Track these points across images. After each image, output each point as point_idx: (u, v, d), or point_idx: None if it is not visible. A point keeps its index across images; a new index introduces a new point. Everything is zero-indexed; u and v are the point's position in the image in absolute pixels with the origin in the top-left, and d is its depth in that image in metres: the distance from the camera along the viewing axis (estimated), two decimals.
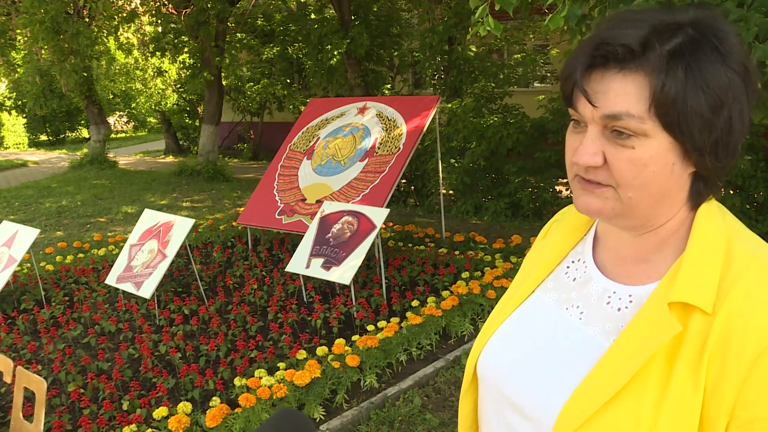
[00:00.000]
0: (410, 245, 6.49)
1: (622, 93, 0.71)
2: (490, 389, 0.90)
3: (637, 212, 0.76)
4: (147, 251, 4.96)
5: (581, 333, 0.82)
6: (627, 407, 0.71)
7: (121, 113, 25.54)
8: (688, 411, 0.69)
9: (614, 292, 0.82)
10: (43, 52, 12.15)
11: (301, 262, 4.95)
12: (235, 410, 3.36)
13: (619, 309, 0.80)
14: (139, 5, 12.74)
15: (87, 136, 20.72)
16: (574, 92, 0.76)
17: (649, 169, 0.72)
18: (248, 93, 15.33)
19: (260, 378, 3.62)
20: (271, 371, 3.80)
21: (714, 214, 0.78)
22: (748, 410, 0.67)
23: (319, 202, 5.96)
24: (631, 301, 0.79)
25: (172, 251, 4.79)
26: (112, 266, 5.38)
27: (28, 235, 5.14)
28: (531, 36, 11.42)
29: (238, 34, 13.90)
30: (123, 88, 20.35)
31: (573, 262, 0.91)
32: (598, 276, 0.85)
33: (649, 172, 0.72)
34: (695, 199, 0.78)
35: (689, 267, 0.74)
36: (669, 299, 0.72)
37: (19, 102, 21.76)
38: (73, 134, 23.44)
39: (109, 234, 7.63)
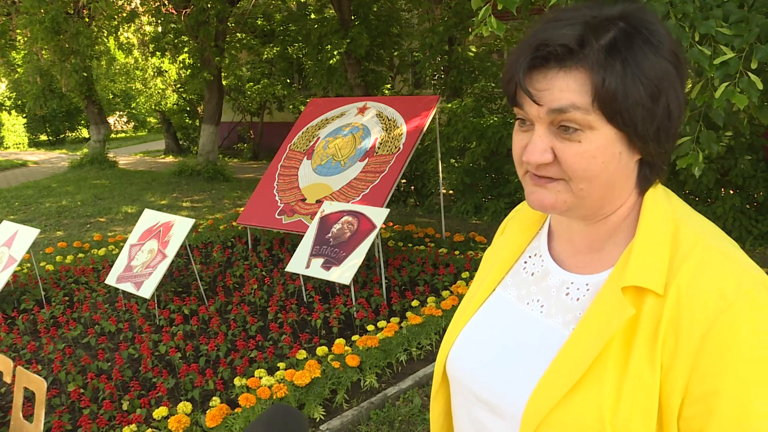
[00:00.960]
0: (410, 245, 6.49)
1: (566, 89, 0.73)
2: (460, 389, 0.91)
3: (589, 203, 0.78)
4: (147, 251, 4.96)
5: (542, 325, 0.84)
6: (589, 393, 0.73)
7: (121, 113, 25.55)
8: (647, 391, 0.71)
9: (572, 283, 0.84)
10: (43, 52, 12.14)
11: (301, 262, 4.95)
12: (235, 410, 3.36)
13: (577, 299, 0.82)
14: (139, 5, 12.74)
15: (87, 136, 20.74)
16: (517, 93, 0.77)
17: (597, 160, 0.74)
18: (248, 93, 15.33)
19: (260, 378, 3.62)
20: (271, 371, 3.80)
21: (660, 198, 0.81)
22: (699, 385, 0.69)
23: (319, 202, 5.96)
24: (588, 290, 0.81)
25: (172, 251, 4.79)
26: (112, 266, 5.38)
27: (28, 235, 5.13)
28: None
29: (238, 34, 13.90)
30: (123, 88, 20.36)
31: (530, 257, 0.93)
32: (555, 269, 0.87)
33: (598, 164, 0.74)
34: (643, 185, 0.81)
35: (639, 251, 0.76)
36: (622, 284, 0.75)
37: (19, 102, 21.77)
38: (73, 134, 23.45)
39: (109, 234, 7.63)
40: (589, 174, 0.75)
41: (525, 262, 0.93)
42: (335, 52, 10.58)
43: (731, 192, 6.54)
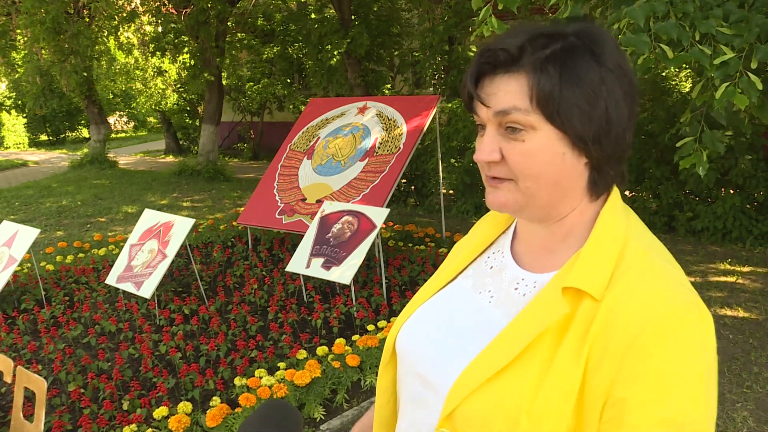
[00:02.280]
0: (410, 245, 6.49)
1: (509, 91, 0.80)
2: (404, 364, 0.97)
3: (538, 202, 0.83)
4: (147, 251, 4.96)
5: (488, 314, 0.89)
6: (512, 380, 0.78)
7: (122, 113, 25.56)
8: (567, 388, 0.75)
9: (522, 279, 0.89)
10: (43, 52, 12.14)
11: (302, 262, 4.95)
12: (236, 410, 3.36)
13: (524, 294, 0.87)
14: (139, 5, 12.74)
15: (87, 135, 20.75)
16: (472, 98, 0.85)
17: (539, 158, 0.80)
18: (248, 93, 15.33)
19: (260, 378, 3.62)
20: (272, 371, 3.80)
21: (617, 213, 0.85)
22: (619, 390, 0.72)
23: (320, 201, 5.96)
24: (535, 287, 0.86)
25: (172, 251, 4.79)
26: (112, 266, 5.38)
27: (28, 234, 5.13)
28: None
29: (239, 34, 13.90)
30: (123, 88, 20.39)
31: (493, 252, 0.98)
32: (512, 265, 0.93)
33: (540, 162, 0.80)
34: (593, 190, 0.85)
35: (586, 257, 0.80)
36: (563, 284, 0.79)
37: (19, 102, 21.77)
38: (74, 134, 23.44)
39: (110, 234, 7.63)
40: (533, 172, 0.80)
41: (488, 257, 0.99)
42: (335, 52, 10.57)
43: (731, 192, 6.54)
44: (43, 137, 22.92)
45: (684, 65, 3.39)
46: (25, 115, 22.16)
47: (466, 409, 0.80)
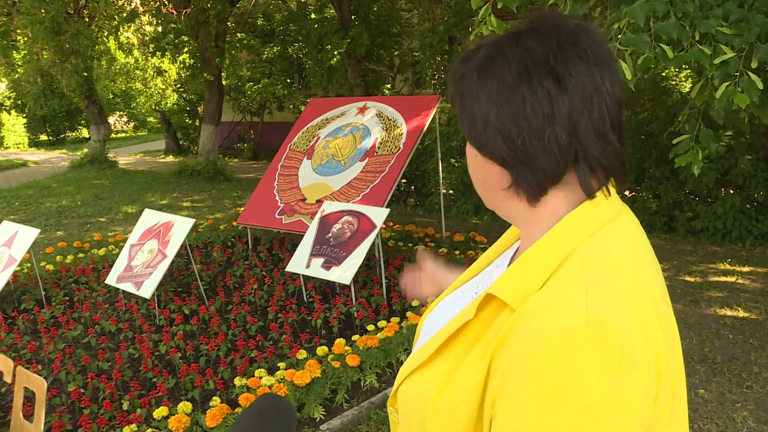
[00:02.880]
0: (410, 245, 6.49)
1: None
2: None
3: (486, 201, 0.89)
4: (147, 251, 4.96)
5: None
6: (426, 375, 0.82)
7: (121, 113, 25.55)
8: (467, 391, 0.76)
9: None
10: (43, 52, 12.14)
11: (301, 262, 4.95)
12: (236, 410, 3.36)
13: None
14: (139, 5, 12.74)
15: (87, 135, 20.74)
16: None
17: (468, 161, 0.87)
18: (248, 93, 15.33)
19: (260, 378, 3.62)
20: (272, 371, 3.80)
21: (584, 217, 0.79)
22: (498, 404, 0.71)
23: (319, 201, 5.96)
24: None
25: (172, 251, 4.78)
26: (112, 266, 5.38)
27: (28, 234, 5.13)
28: None
29: (239, 34, 13.90)
30: (123, 88, 20.38)
31: (509, 252, 1.00)
32: (505, 265, 0.95)
33: (469, 165, 0.87)
34: (517, 192, 0.81)
35: (518, 264, 0.79)
36: (489, 290, 0.79)
37: (19, 102, 21.76)
38: (74, 134, 23.44)
39: (110, 234, 7.63)
40: (470, 173, 0.88)
41: (502, 257, 1.02)
42: (335, 52, 10.57)
43: (731, 192, 6.54)
44: (43, 137, 22.92)
45: (684, 65, 3.39)
46: (25, 115, 22.16)
47: (401, 392, 0.88)
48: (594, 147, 0.76)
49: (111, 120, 23.70)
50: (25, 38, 11.96)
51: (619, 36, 3.01)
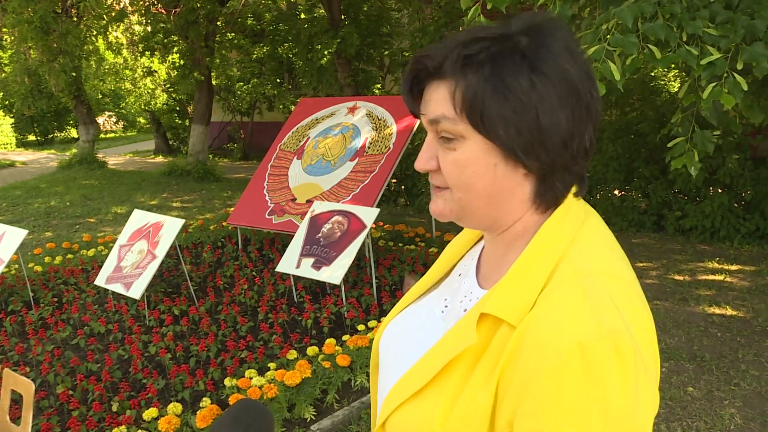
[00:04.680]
0: (400, 245, 6.50)
1: (438, 99, 0.76)
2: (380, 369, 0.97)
3: (474, 213, 0.79)
4: (137, 252, 4.93)
5: (435, 326, 0.87)
6: (426, 402, 0.76)
7: (111, 113, 25.41)
8: (477, 414, 0.72)
9: (471, 293, 0.85)
10: (31, 51, 12.05)
11: (292, 262, 4.94)
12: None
13: (464, 310, 0.83)
14: (128, 4, 12.67)
15: (76, 136, 20.58)
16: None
17: (469, 169, 0.76)
18: (238, 93, 15.29)
19: (251, 378, 3.61)
20: (262, 371, 3.80)
21: (562, 226, 0.78)
22: (518, 423, 0.68)
23: (310, 201, 5.95)
24: (476, 303, 0.81)
25: (161, 252, 4.76)
26: (101, 267, 5.35)
27: (15, 235, 5.09)
28: None
29: (228, 34, 13.85)
30: (112, 88, 20.25)
31: (471, 259, 0.93)
32: (471, 274, 0.89)
33: (470, 173, 0.76)
34: (539, 201, 0.78)
35: (510, 278, 0.75)
36: (482, 310, 0.75)
37: (7, 102, 21.57)
38: (62, 134, 23.27)
39: (99, 234, 7.58)
40: (462, 183, 0.77)
41: (463, 262, 0.95)
42: (325, 52, 10.56)
43: (719, 191, 6.60)
44: (31, 137, 22.74)
45: (672, 65, 3.41)
46: (12, 115, 21.97)
47: (391, 423, 0.81)
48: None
49: (100, 120, 23.55)
50: (12, 37, 11.85)
51: (608, 37, 3.03)
